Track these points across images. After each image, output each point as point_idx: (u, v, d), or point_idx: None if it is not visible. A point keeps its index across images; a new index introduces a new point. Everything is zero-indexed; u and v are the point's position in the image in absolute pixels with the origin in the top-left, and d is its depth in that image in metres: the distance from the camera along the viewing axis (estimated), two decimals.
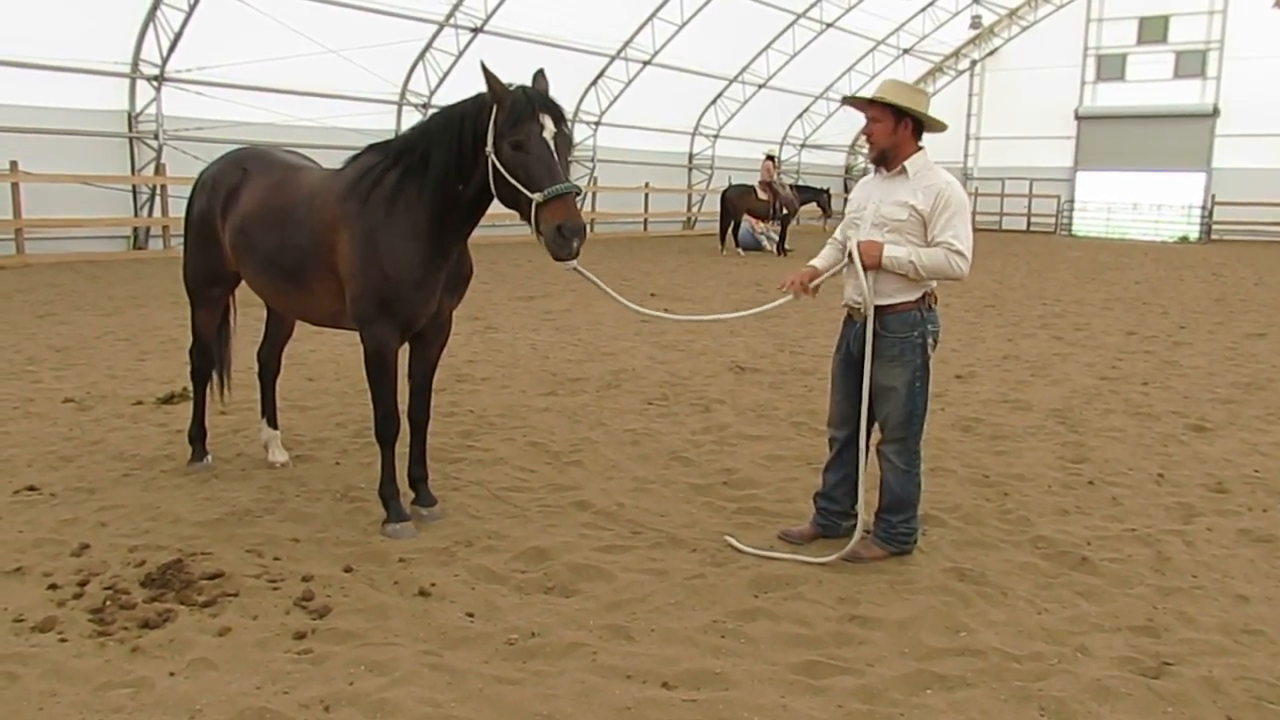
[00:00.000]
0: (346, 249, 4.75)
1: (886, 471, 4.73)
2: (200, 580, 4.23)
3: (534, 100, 4.29)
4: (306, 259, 4.93)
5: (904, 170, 4.49)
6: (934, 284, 4.56)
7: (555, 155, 4.25)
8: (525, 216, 4.27)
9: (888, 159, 4.52)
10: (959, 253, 4.35)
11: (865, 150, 4.65)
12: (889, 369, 4.55)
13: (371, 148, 4.97)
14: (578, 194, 4.26)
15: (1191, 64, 34.16)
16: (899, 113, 4.43)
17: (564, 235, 4.14)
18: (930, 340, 4.57)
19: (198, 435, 5.89)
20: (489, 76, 4.33)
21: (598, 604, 4.16)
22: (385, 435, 5.01)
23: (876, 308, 4.46)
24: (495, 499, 5.46)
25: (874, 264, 4.40)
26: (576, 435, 6.83)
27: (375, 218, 4.67)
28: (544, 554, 4.65)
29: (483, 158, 4.41)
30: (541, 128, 4.25)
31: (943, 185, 4.40)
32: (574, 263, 4.30)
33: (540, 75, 4.51)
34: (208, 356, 5.89)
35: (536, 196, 4.15)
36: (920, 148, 4.54)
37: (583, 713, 3.30)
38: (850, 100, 4.69)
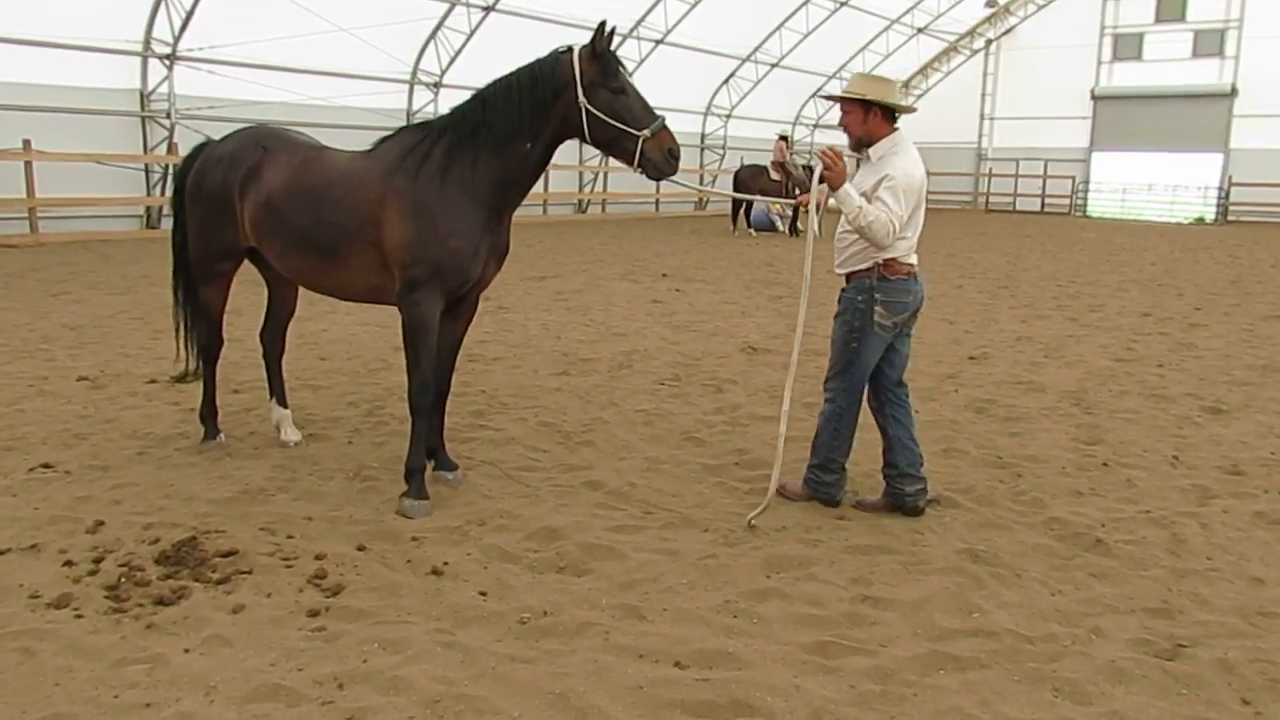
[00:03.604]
0: (397, 222, 4.85)
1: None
2: (214, 558, 4.25)
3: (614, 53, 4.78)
4: (345, 236, 5.02)
5: (868, 156, 4.87)
6: (884, 256, 4.81)
7: None
8: (621, 150, 4.77)
9: (863, 145, 4.88)
10: (891, 220, 4.64)
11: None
12: (836, 322, 5.04)
13: (407, 128, 5.21)
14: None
15: (1210, 43, 33.74)
16: (867, 103, 4.78)
17: (674, 155, 4.78)
18: (880, 309, 4.85)
19: (209, 414, 5.90)
20: (603, 34, 4.68)
21: (610, 583, 4.17)
22: (420, 405, 5.05)
23: (843, 275, 4.99)
24: (507, 478, 5.46)
25: (836, 183, 4.69)
26: (588, 415, 6.83)
27: (429, 190, 4.83)
28: (556, 533, 4.65)
29: (559, 110, 4.76)
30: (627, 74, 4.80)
31: (890, 170, 4.70)
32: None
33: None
34: (216, 334, 5.89)
35: (645, 132, 4.69)
36: (895, 129, 4.86)
37: (595, 691, 3.31)
38: (828, 97, 4.96)
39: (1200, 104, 33.54)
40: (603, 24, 4.67)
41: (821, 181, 4.82)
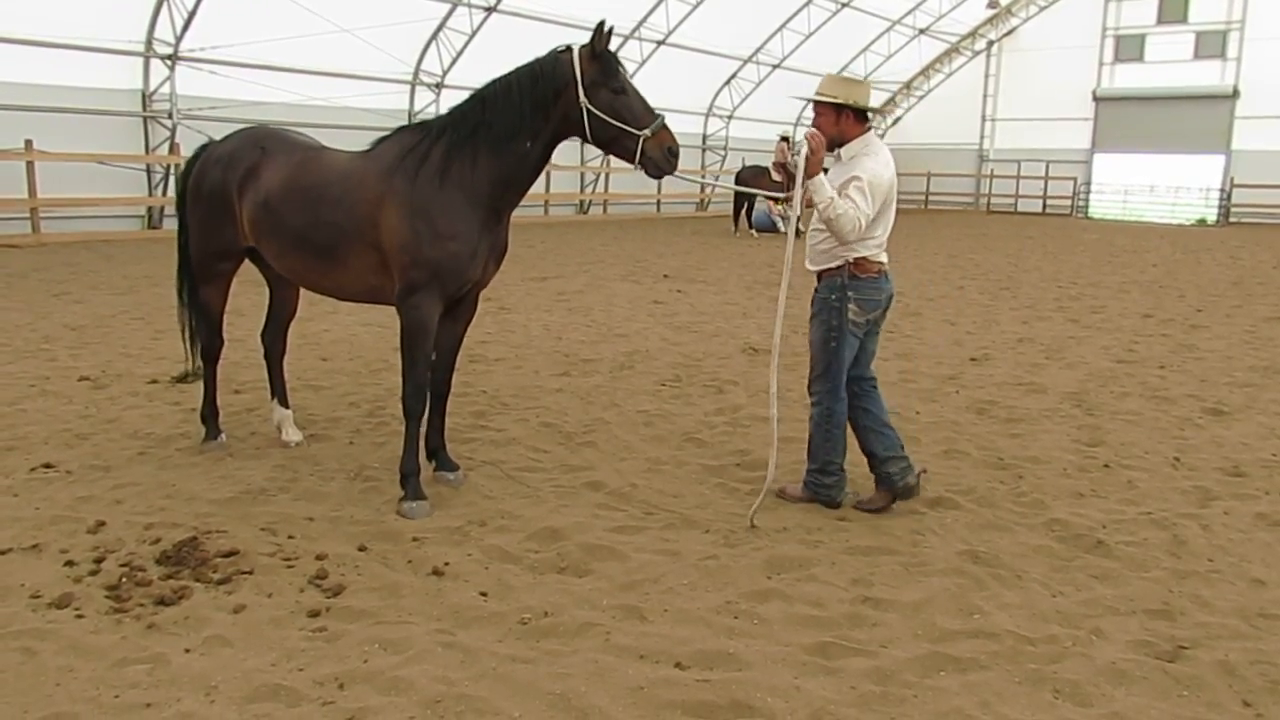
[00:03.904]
0: (395, 222, 4.85)
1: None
2: (215, 558, 4.25)
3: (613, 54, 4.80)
4: (343, 236, 5.02)
5: (840, 156, 4.98)
6: (854, 254, 4.87)
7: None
8: (622, 149, 4.78)
9: (836, 145, 4.96)
10: (858, 216, 4.72)
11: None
12: (812, 324, 5.10)
13: (406, 128, 5.19)
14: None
15: (1212, 44, 33.73)
16: (839, 105, 4.87)
17: (673, 154, 4.77)
18: (853, 306, 4.93)
19: (210, 414, 5.90)
20: (602, 33, 4.68)
21: (611, 584, 4.17)
22: (414, 409, 5.05)
23: (815, 273, 5.06)
24: (508, 479, 5.47)
25: (814, 170, 4.76)
26: (590, 416, 6.83)
27: (428, 190, 4.83)
28: (557, 534, 4.66)
29: (559, 109, 4.76)
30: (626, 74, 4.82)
31: (858, 171, 4.79)
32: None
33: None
34: (216, 334, 5.89)
35: (645, 132, 4.69)
36: (867, 129, 4.97)
37: (596, 692, 3.31)
38: (801, 98, 5.01)
39: (1202, 105, 33.53)
40: (601, 24, 4.67)
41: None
